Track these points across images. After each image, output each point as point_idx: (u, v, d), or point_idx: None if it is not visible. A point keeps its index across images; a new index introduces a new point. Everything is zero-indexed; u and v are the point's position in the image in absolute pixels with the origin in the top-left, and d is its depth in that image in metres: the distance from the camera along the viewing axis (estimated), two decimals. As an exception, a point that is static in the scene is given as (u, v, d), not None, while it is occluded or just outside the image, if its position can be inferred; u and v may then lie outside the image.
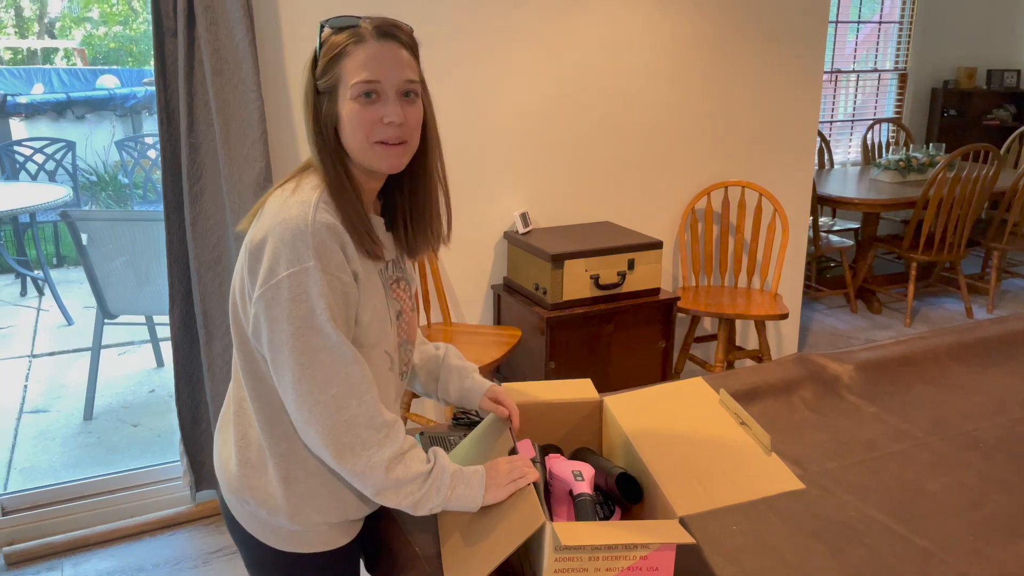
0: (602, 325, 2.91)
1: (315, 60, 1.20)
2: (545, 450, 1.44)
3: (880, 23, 5.87)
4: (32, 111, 7.50)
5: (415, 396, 2.97)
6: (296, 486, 1.22)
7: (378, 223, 1.28)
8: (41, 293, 5.34)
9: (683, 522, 1.45)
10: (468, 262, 3.10)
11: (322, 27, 1.19)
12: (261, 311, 1.13)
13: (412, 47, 1.21)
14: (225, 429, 1.31)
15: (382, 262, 1.25)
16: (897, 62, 5.97)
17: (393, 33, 1.18)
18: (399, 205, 1.30)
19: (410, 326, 1.34)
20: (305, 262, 1.11)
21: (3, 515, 2.63)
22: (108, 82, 8.36)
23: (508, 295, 3.05)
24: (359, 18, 1.18)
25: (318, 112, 1.19)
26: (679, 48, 3.27)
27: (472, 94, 2.95)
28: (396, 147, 1.18)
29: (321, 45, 1.19)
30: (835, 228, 5.19)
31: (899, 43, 5.93)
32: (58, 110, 7.51)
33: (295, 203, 1.15)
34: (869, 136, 5.69)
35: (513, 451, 1.30)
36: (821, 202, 4.57)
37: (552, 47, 3.04)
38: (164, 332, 3.97)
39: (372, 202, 1.28)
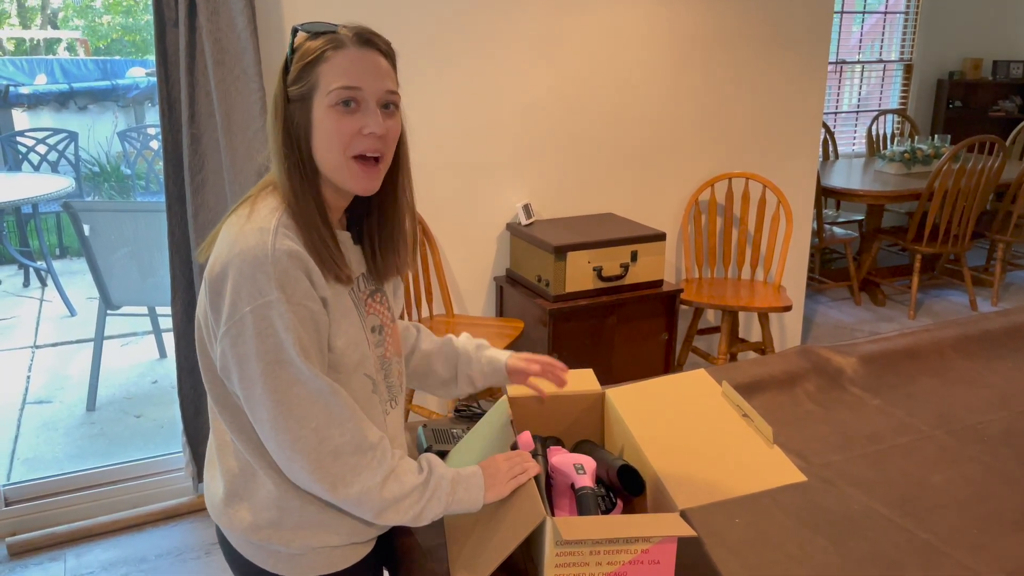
0: (605, 317, 2.90)
1: (286, 66, 1.13)
2: (546, 442, 1.43)
3: (885, 13, 5.83)
4: (35, 101, 7.49)
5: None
6: (291, 515, 1.17)
7: (344, 238, 1.21)
8: (44, 284, 5.34)
9: (685, 515, 1.45)
10: (470, 253, 3.10)
11: (295, 31, 1.13)
12: (228, 349, 1.08)
13: (391, 57, 1.16)
14: (212, 464, 1.26)
15: (352, 282, 1.19)
16: (902, 53, 5.94)
17: (373, 41, 1.13)
18: (366, 227, 1.24)
19: (394, 340, 1.29)
20: (267, 295, 1.05)
21: (6, 506, 2.63)
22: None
23: (510, 287, 3.04)
24: (335, 25, 1.13)
25: (288, 122, 1.12)
26: (682, 39, 3.26)
27: (475, 87, 2.94)
28: (373, 166, 1.13)
29: (294, 50, 1.12)
30: (839, 220, 5.17)
31: (904, 34, 5.90)
32: (60, 100, 7.50)
33: (252, 231, 1.08)
34: (874, 127, 5.66)
35: (514, 445, 1.30)
36: (825, 194, 4.55)
37: (555, 39, 3.03)
38: (166, 323, 3.97)
39: (339, 218, 1.22)
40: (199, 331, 1.17)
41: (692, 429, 1.35)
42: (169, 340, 4.12)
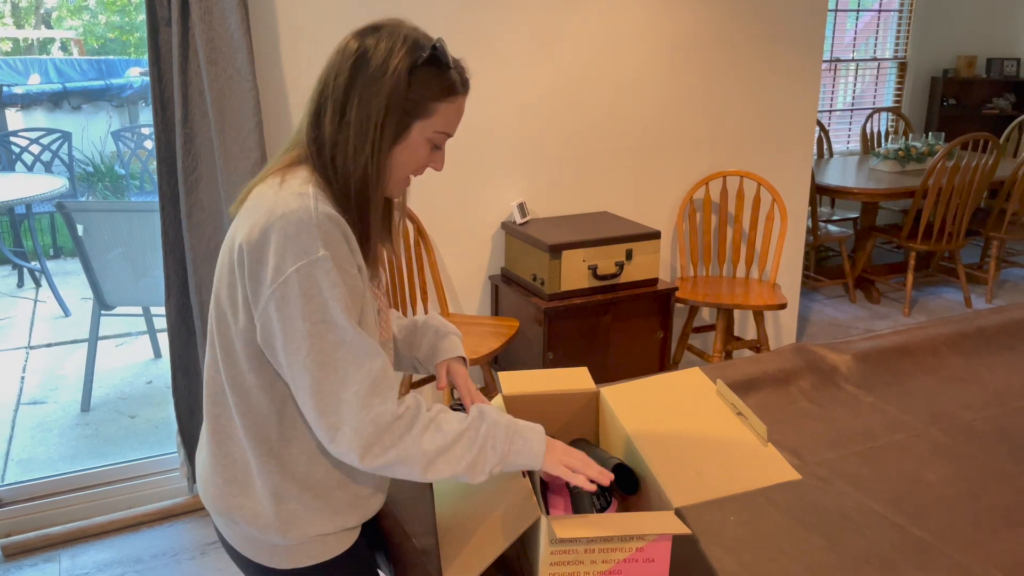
0: (600, 316, 2.90)
1: (411, 71, 1.14)
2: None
3: (880, 11, 5.84)
4: (28, 101, 7.47)
5: (414, 385, 2.96)
6: (288, 502, 1.18)
7: None
8: (38, 284, 5.33)
9: (680, 513, 1.45)
10: (465, 252, 3.09)
11: (440, 47, 1.16)
12: (273, 313, 1.08)
13: None
14: (203, 448, 1.26)
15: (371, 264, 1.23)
16: (896, 51, 5.95)
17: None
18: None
19: (387, 325, 1.31)
20: (313, 253, 1.07)
21: (1, 507, 2.63)
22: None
23: (506, 286, 3.04)
24: (454, 58, 1.19)
25: (391, 122, 1.14)
26: (677, 37, 3.26)
27: (472, 85, 2.93)
28: (409, 183, 1.24)
29: (432, 63, 1.15)
30: (834, 218, 5.18)
31: (899, 32, 5.90)
32: (54, 100, 7.48)
33: (290, 195, 1.10)
34: (868, 125, 5.67)
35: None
36: (820, 192, 4.56)
37: (551, 38, 3.02)
38: (161, 323, 3.96)
39: None
40: (220, 310, 1.16)
41: (687, 427, 1.35)
42: (163, 340, 4.11)
